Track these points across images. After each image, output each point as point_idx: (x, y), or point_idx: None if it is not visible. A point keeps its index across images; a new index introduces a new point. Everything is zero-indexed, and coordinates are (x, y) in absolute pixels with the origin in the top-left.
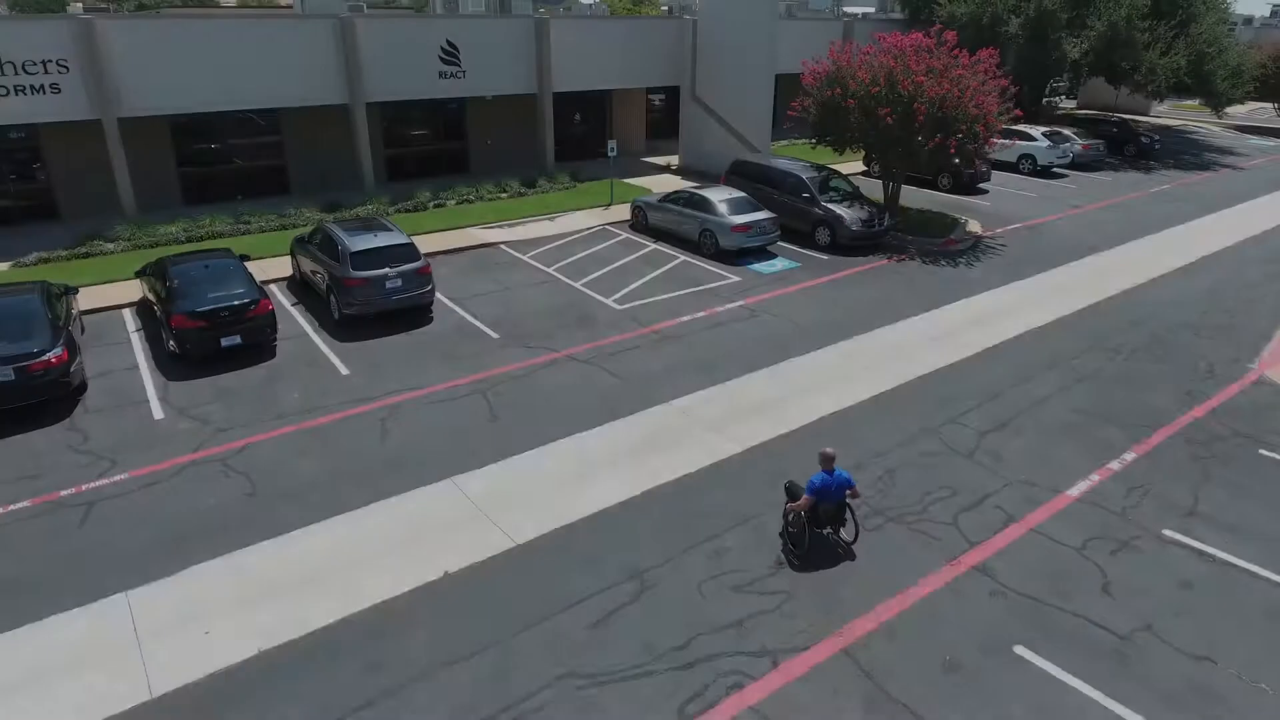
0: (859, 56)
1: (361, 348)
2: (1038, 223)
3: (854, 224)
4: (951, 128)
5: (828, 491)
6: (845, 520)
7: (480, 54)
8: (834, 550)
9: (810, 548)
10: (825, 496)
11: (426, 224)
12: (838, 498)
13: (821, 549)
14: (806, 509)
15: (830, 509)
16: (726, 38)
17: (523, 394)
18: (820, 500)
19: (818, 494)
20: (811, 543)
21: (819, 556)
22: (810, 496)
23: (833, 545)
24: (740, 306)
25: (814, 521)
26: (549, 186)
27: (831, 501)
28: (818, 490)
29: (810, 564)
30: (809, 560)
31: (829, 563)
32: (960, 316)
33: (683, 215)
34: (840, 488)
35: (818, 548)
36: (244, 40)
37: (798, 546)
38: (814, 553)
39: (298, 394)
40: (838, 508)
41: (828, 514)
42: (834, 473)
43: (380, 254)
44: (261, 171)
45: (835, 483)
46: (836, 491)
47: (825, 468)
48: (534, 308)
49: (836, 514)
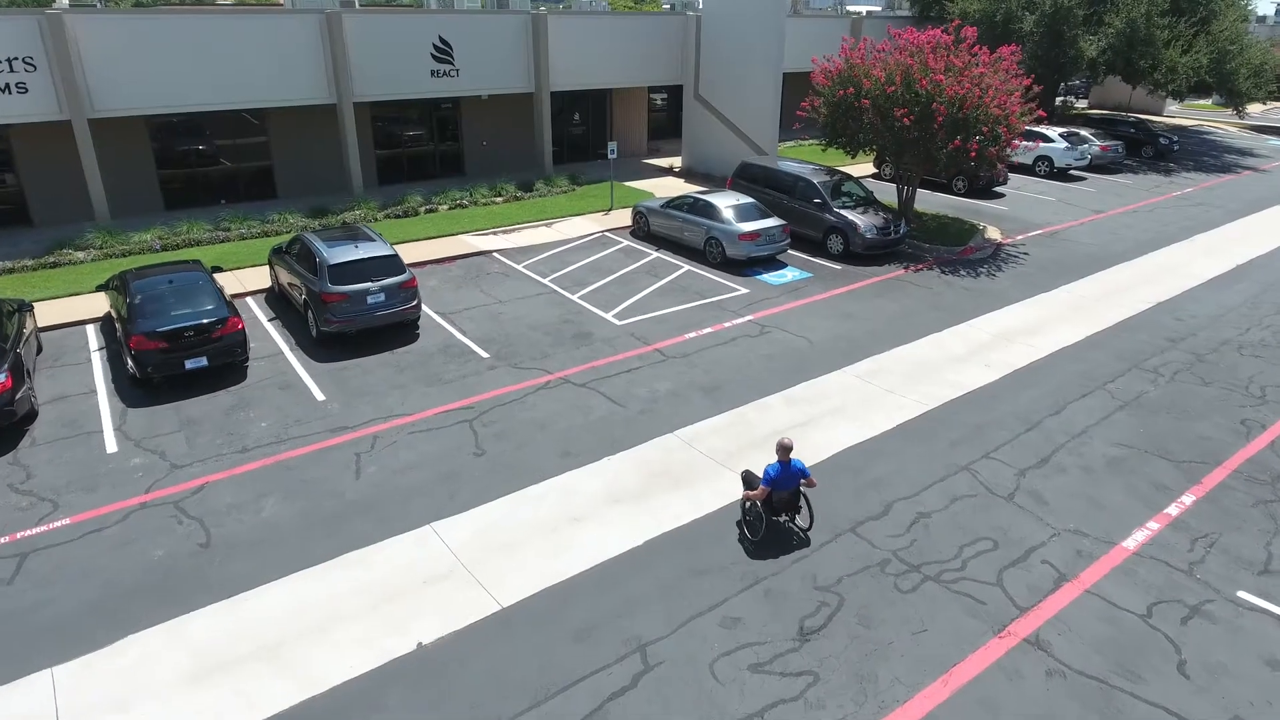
0: (873, 54)
1: (340, 369)
2: (1059, 229)
3: (869, 232)
4: (972, 129)
5: (782, 481)
6: (800, 508)
7: (475, 51)
8: (789, 537)
9: (765, 535)
10: (780, 485)
11: (417, 230)
12: (792, 486)
13: (777, 536)
14: (762, 499)
15: (785, 497)
16: (731, 35)
17: (513, 423)
18: (775, 489)
19: (773, 483)
20: (767, 530)
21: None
22: (766, 486)
23: (788, 533)
24: (749, 322)
25: (769, 510)
26: (547, 190)
27: (786, 490)
28: (773, 480)
29: (836, 639)
30: (764, 546)
31: (787, 550)
32: (985, 333)
33: (686, 222)
34: (795, 477)
35: (773, 534)
36: (224, 37)
37: (754, 534)
38: (769, 538)
39: (266, 423)
40: (792, 496)
41: (782, 502)
42: (789, 463)
43: (361, 267)
44: (247, 174)
45: (790, 472)
46: (791, 480)
47: (781, 458)
48: (527, 323)
49: (791, 502)
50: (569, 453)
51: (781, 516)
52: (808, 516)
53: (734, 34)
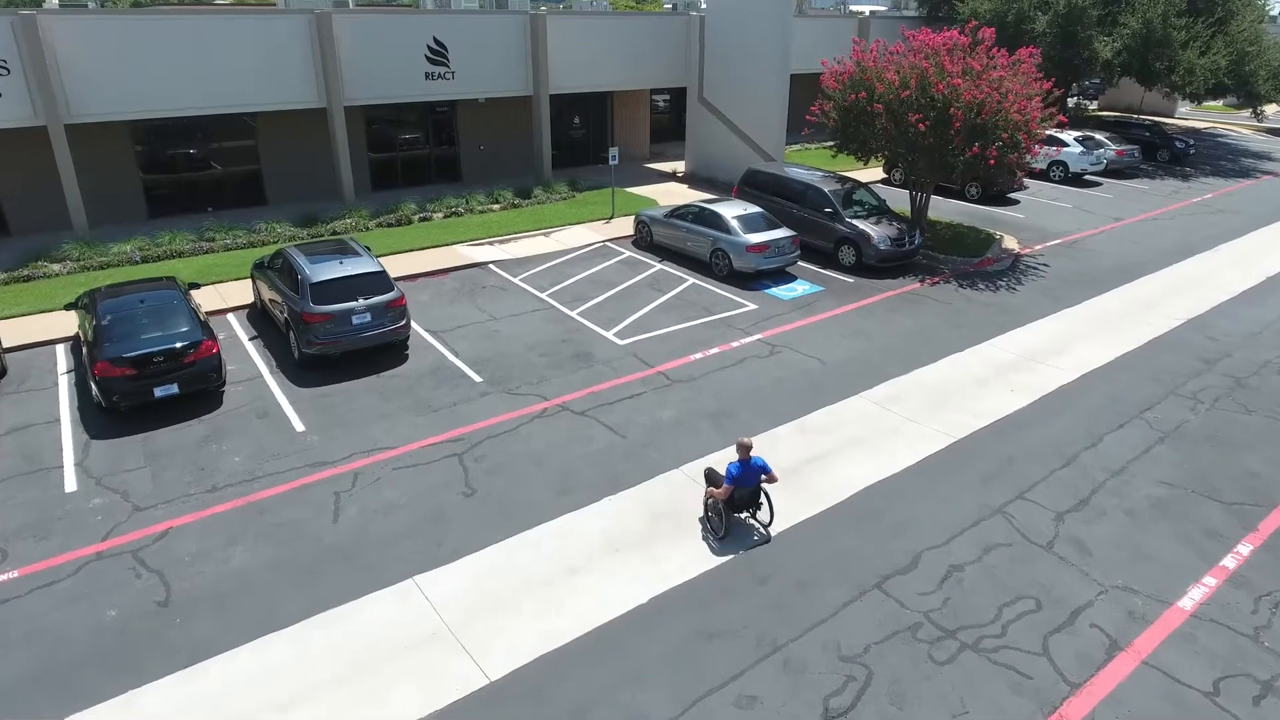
0: (885, 56)
1: (323, 395)
2: (1078, 237)
3: (882, 243)
4: (991, 136)
5: (744, 478)
6: (761, 504)
7: (471, 52)
8: (751, 532)
9: (728, 531)
10: (742, 483)
11: (410, 240)
12: (753, 484)
13: (739, 531)
14: (724, 498)
15: (746, 495)
16: (736, 36)
17: (506, 457)
18: (738, 487)
19: (736, 482)
20: (729, 527)
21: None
22: (729, 485)
23: (749, 529)
24: (758, 341)
25: (731, 506)
26: (545, 197)
27: (748, 488)
28: (736, 479)
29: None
30: (729, 541)
31: (746, 544)
32: (1008, 353)
33: (691, 232)
34: (755, 474)
35: (735, 530)
36: (208, 39)
37: (716, 531)
38: (732, 534)
39: (239, 458)
40: (753, 493)
41: (743, 500)
42: (750, 461)
43: (347, 285)
44: (235, 180)
45: (751, 470)
46: (752, 478)
47: (742, 456)
48: (524, 342)
49: (752, 499)
50: (567, 490)
51: (743, 513)
52: (768, 513)
53: (739, 35)
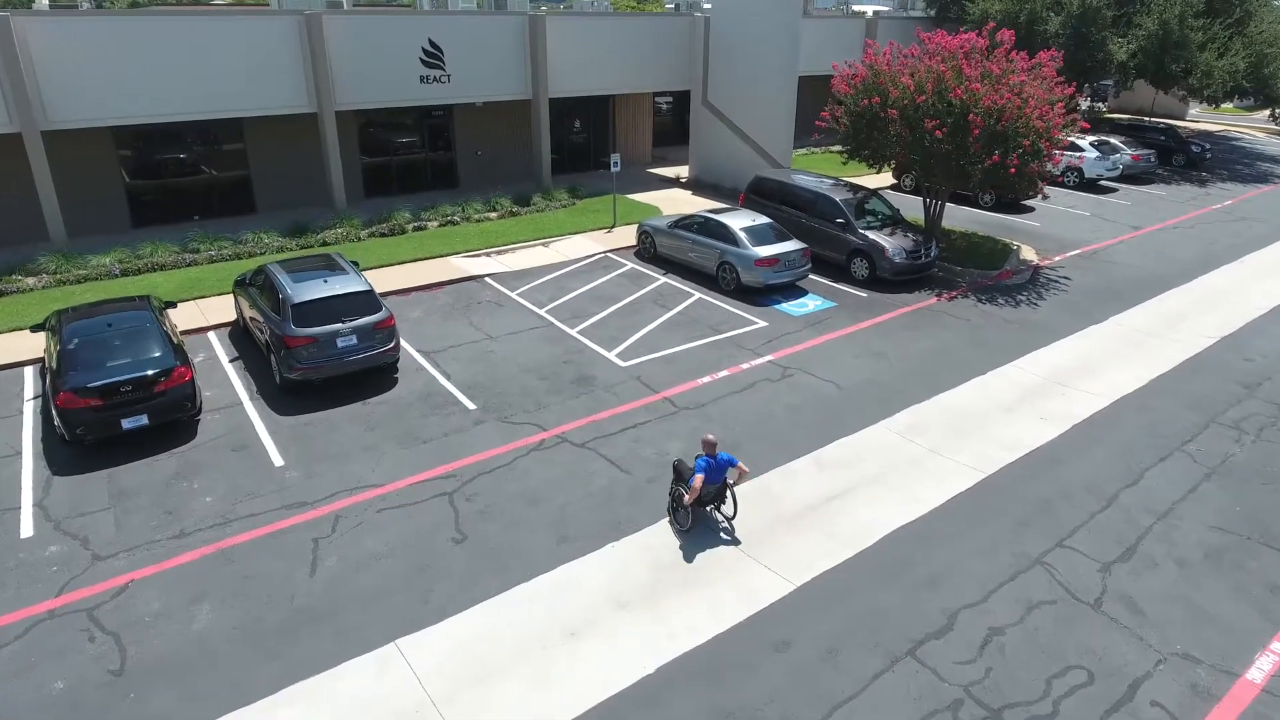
0: (899, 60)
1: (304, 425)
2: (1098, 248)
3: (897, 256)
4: (1011, 143)
5: (711, 472)
6: (726, 499)
7: (467, 55)
8: (717, 527)
9: (693, 524)
10: (710, 478)
11: (403, 252)
12: (720, 479)
13: (704, 524)
14: (695, 494)
15: (713, 490)
16: (742, 37)
17: (500, 496)
18: (705, 482)
19: (705, 475)
20: (694, 520)
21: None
22: (700, 475)
23: (715, 522)
24: (769, 363)
25: (697, 501)
26: (545, 204)
27: (715, 483)
28: (705, 471)
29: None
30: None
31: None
32: (1034, 375)
33: (697, 244)
34: (723, 469)
35: (700, 523)
36: (192, 41)
37: (682, 525)
38: (697, 528)
39: (211, 497)
40: (720, 488)
41: (710, 495)
42: (717, 456)
43: (331, 305)
44: (224, 188)
45: (719, 465)
46: (720, 473)
47: (708, 452)
48: (520, 364)
49: (719, 494)
50: (566, 537)
51: (708, 506)
52: (733, 507)
53: (745, 36)
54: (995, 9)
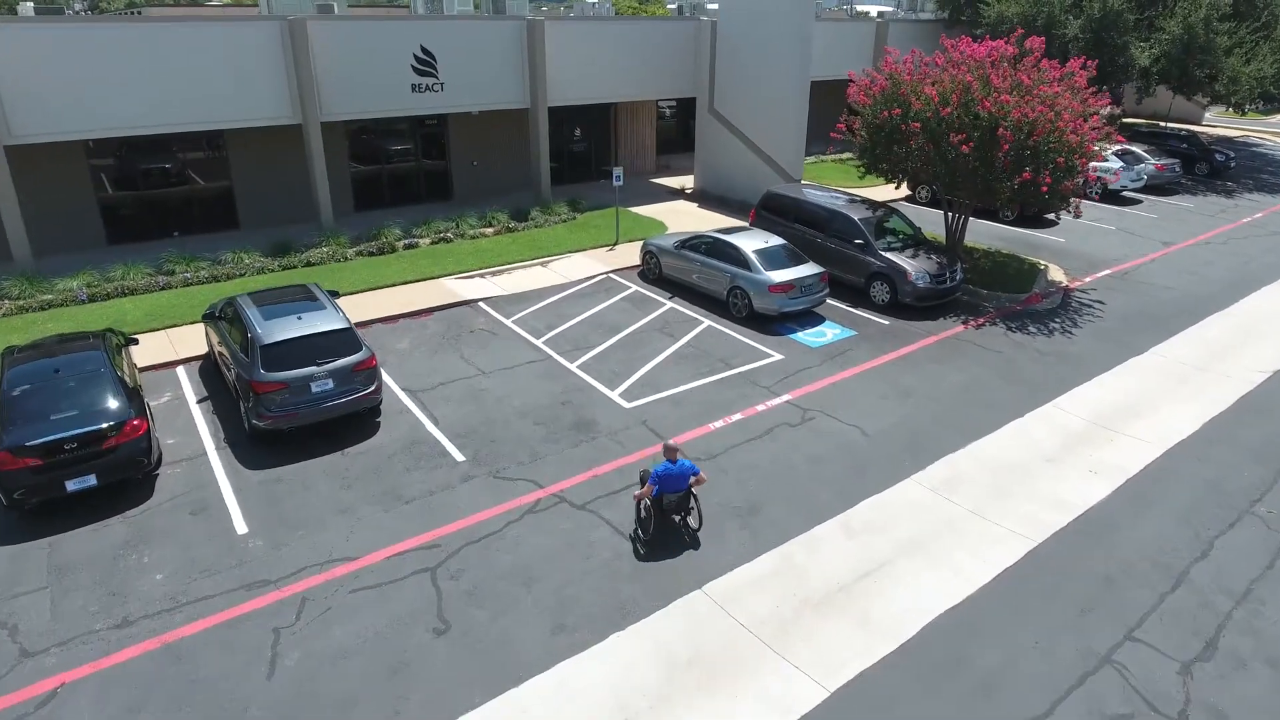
0: (920, 68)
1: (274, 480)
2: (1128, 267)
3: (921, 280)
4: (1043, 159)
5: (671, 480)
6: (691, 508)
7: (462, 62)
8: (681, 536)
9: (655, 533)
10: (670, 486)
11: (392, 273)
12: (681, 487)
13: (668, 534)
14: (650, 497)
15: (676, 499)
16: (751, 42)
17: (489, 573)
18: (664, 489)
19: (660, 482)
20: (657, 529)
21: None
22: (652, 484)
23: (680, 532)
24: (787, 404)
25: (659, 510)
26: (543, 219)
27: (676, 491)
28: (661, 478)
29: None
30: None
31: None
32: (1076, 417)
33: (705, 267)
34: (683, 477)
35: (664, 533)
36: (166, 49)
37: (644, 533)
38: (659, 537)
39: (163, 574)
40: (683, 497)
41: (673, 504)
42: (677, 463)
43: (305, 346)
44: (205, 202)
45: (678, 472)
46: (680, 480)
47: (669, 458)
48: (515, 406)
49: (682, 503)
50: (563, 626)
51: (675, 517)
52: (697, 518)
53: (754, 41)
54: (1011, 12)
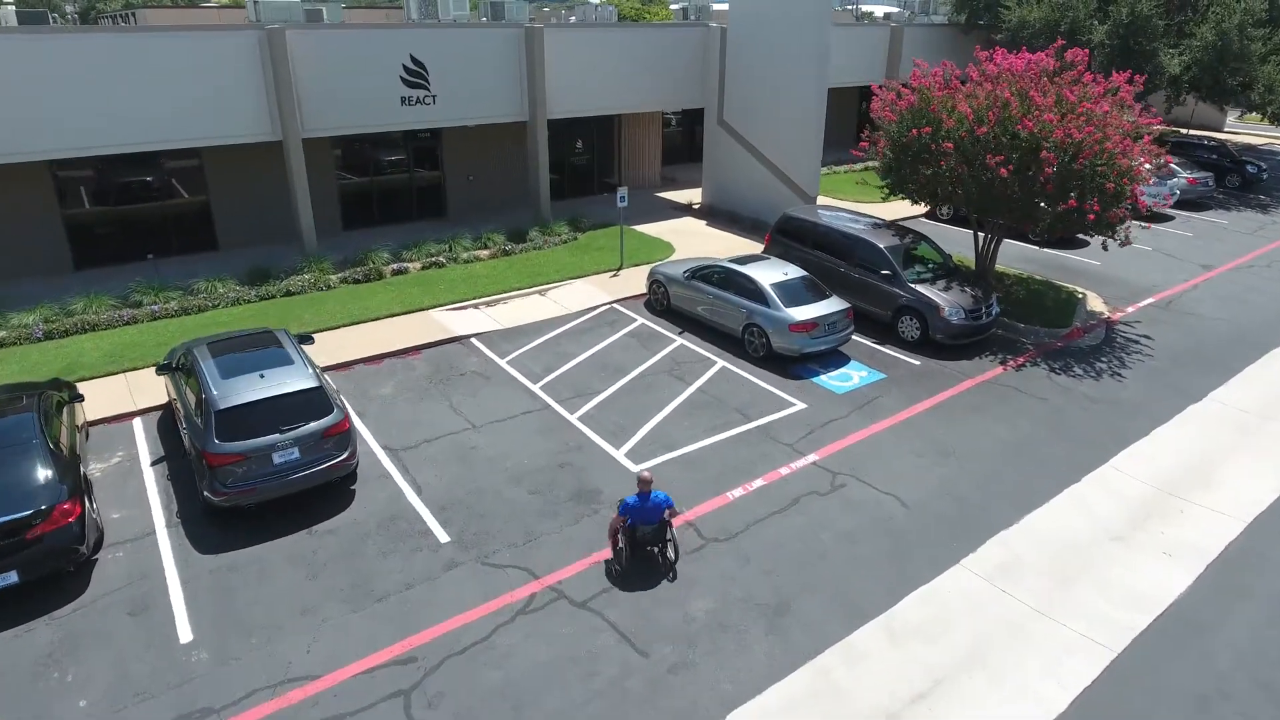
0: (952, 82)
1: (229, 569)
2: (1170, 294)
3: (954, 315)
4: (1090, 184)
5: (642, 513)
6: (668, 539)
7: (455, 72)
8: (658, 568)
9: (630, 564)
10: (641, 518)
11: (377, 303)
12: (654, 519)
13: (643, 566)
14: (621, 528)
15: (649, 532)
16: (764, 50)
17: (473, 695)
18: (638, 523)
19: (630, 513)
20: (631, 561)
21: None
22: (621, 516)
23: (658, 563)
24: (814, 466)
25: (633, 542)
26: (542, 240)
27: (649, 524)
28: (630, 510)
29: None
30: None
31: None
32: (1139, 481)
33: (719, 300)
34: (656, 510)
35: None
36: (132, 62)
37: (620, 564)
38: (635, 569)
39: (87, 700)
40: (657, 529)
41: (645, 537)
42: (650, 496)
43: (267, 410)
44: (181, 222)
45: (650, 505)
46: (653, 513)
47: (641, 489)
48: (508, 469)
49: (656, 535)
50: None
51: (651, 549)
52: (674, 550)
53: (767, 50)
54: (1033, 16)
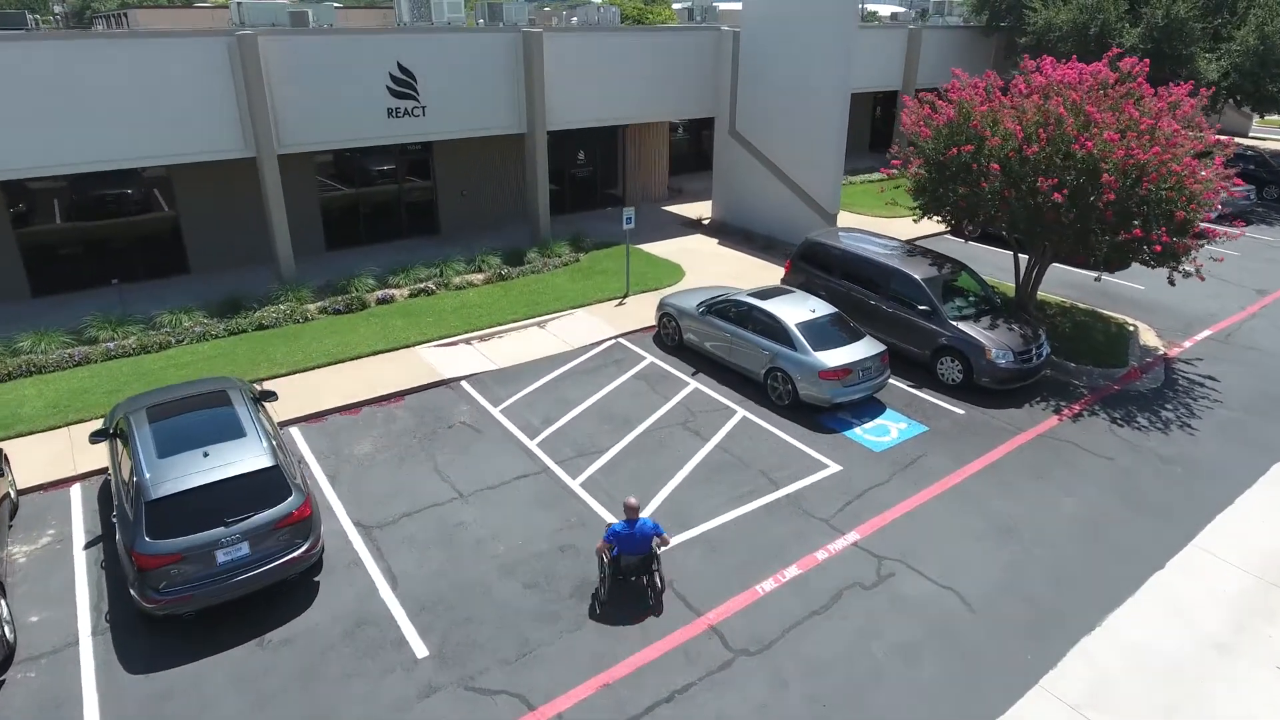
0: (994, 94)
1: (160, 696)
2: (1227, 325)
3: (1003, 357)
4: (1160, 211)
5: (630, 541)
6: (654, 570)
7: (446, 81)
8: (644, 600)
9: (611, 594)
10: (628, 548)
11: (358, 339)
12: (643, 550)
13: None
14: (606, 554)
15: (635, 562)
16: (781, 56)
17: None
18: (623, 550)
19: (616, 540)
20: (612, 591)
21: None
22: (606, 541)
23: (643, 592)
24: (855, 549)
25: (617, 571)
26: (542, 262)
27: (636, 553)
28: (617, 537)
29: None
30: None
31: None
32: (1235, 569)
33: (738, 340)
34: (644, 539)
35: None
36: (89, 71)
37: (602, 592)
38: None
39: None
40: (644, 560)
41: (632, 567)
42: (637, 524)
43: (209, 498)
44: (149, 244)
45: (638, 533)
46: (641, 543)
47: (628, 517)
48: (499, 556)
49: (643, 566)
50: None
51: (634, 578)
52: (660, 581)
53: (784, 55)
54: (1061, 19)
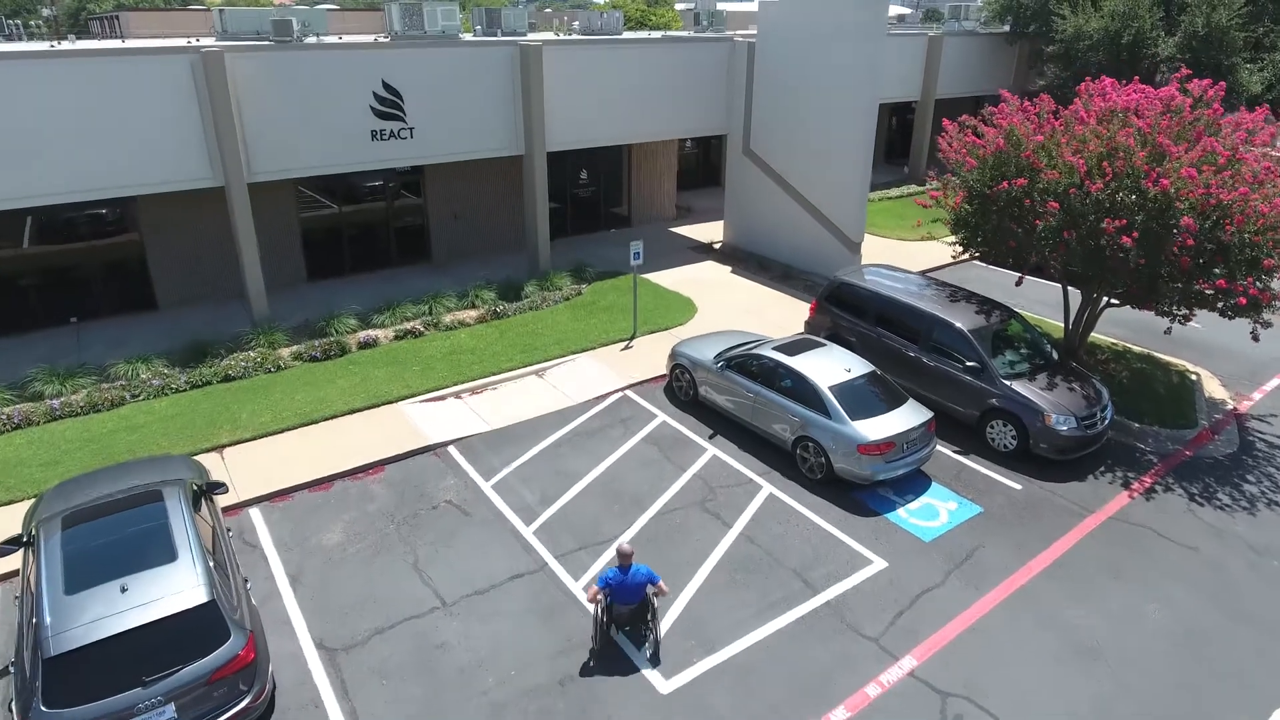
0: (1047, 120)
1: None
2: None
3: (1064, 424)
4: (1246, 258)
5: (623, 590)
6: (649, 620)
7: (436, 100)
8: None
9: (603, 645)
10: (623, 597)
11: (335, 393)
12: (637, 598)
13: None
14: (599, 603)
15: (627, 613)
16: (799, 70)
17: None
18: (617, 601)
19: (609, 587)
20: (604, 641)
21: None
22: (598, 588)
23: (637, 643)
24: (913, 680)
25: (610, 619)
26: (540, 296)
27: (630, 601)
28: (610, 585)
29: None
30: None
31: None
32: None
33: (761, 401)
34: (638, 588)
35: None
36: (33, 93)
37: (595, 641)
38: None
39: None
40: (638, 609)
41: (625, 617)
42: (630, 571)
43: (125, 650)
44: (112, 278)
45: (631, 581)
46: (634, 591)
47: (621, 563)
48: (488, 689)
49: (636, 616)
50: None
51: (626, 627)
52: (656, 632)
53: (803, 69)
54: (1092, 26)
